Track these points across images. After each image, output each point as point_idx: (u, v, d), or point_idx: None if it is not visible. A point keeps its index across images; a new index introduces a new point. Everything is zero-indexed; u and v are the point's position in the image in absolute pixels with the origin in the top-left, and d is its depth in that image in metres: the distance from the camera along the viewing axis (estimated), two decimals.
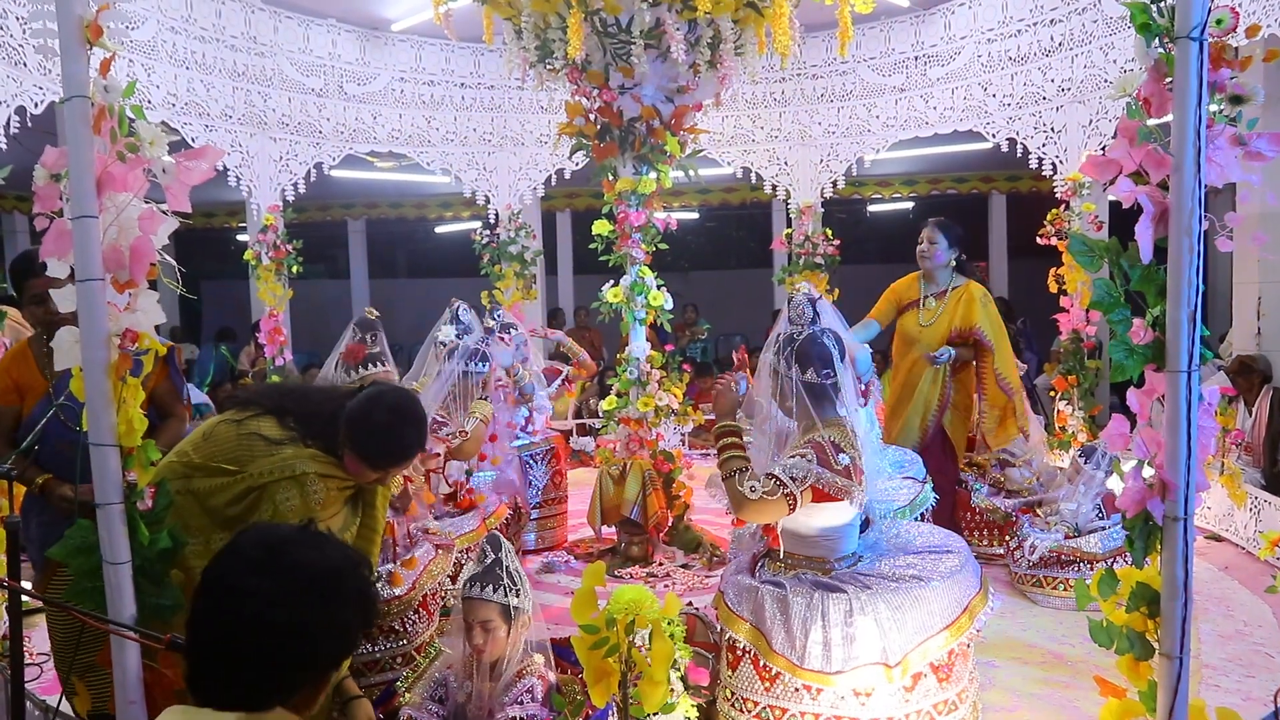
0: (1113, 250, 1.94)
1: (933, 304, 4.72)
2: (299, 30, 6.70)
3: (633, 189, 4.77)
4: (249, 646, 1.21)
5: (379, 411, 2.43)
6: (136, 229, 2.01)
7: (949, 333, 4.61)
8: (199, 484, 2.34)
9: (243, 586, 1.22)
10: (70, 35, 1.95)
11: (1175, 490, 1.86)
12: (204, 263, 14.48)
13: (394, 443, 2.45)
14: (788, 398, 2.58)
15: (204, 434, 2.44)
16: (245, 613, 1.20)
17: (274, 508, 2.28)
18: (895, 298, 4.87)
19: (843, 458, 2.46)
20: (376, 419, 2.42)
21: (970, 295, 4.64)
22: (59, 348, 2.05)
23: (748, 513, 2.50)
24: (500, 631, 2.49)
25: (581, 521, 5.28)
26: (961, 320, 4.60)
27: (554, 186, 8.32)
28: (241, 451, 2.35)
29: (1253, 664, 3.50)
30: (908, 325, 4.77)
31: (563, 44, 4.37)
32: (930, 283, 4.76)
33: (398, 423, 2.46)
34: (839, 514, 2.53)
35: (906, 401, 4.70)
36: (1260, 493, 4.99)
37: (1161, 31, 1.80)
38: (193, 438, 2.47)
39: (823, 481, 2.43)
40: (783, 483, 2.43)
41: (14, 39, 4.38)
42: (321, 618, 1.23)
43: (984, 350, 4.63)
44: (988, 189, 12.07)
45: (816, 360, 2.56)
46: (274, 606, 1.21)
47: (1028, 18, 6.28)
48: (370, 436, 2.41)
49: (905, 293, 4.85)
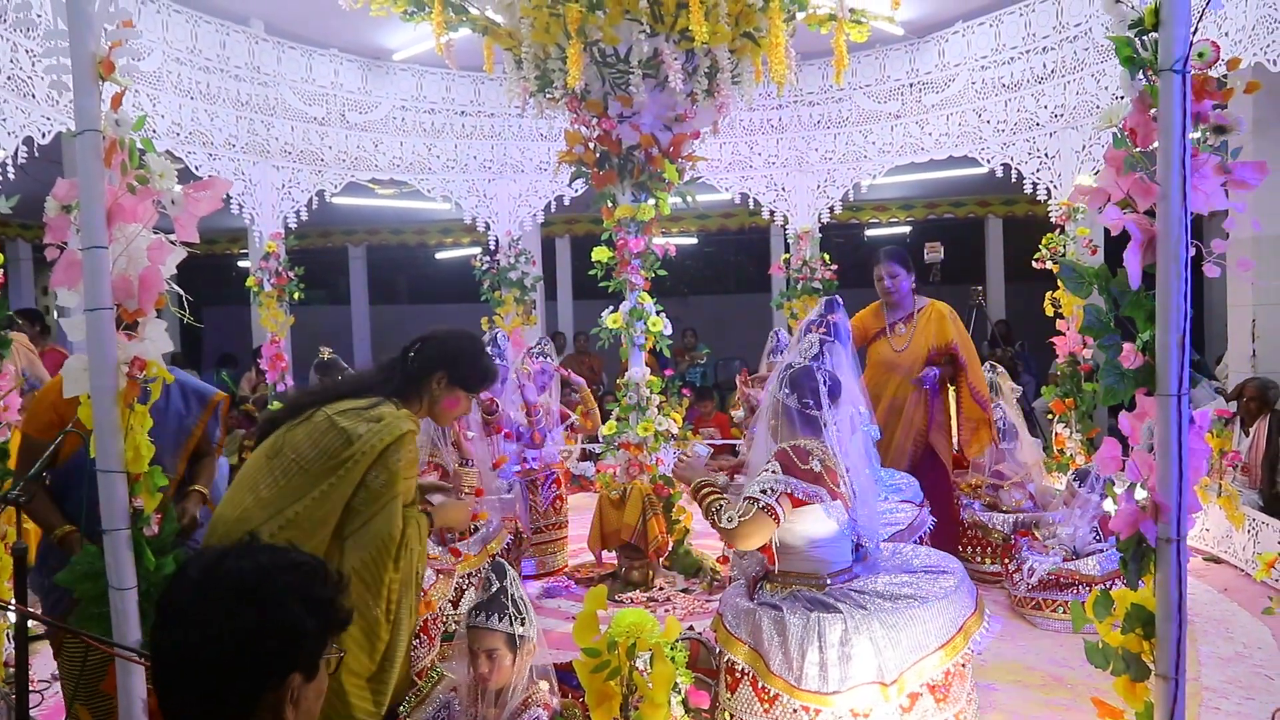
0: (1102, 276, 1.98)
1: (902, 329, 4.78)
2: (302, 60, 6.79)
3: (632, 216, 4.83)
4: (200, 665, 1.22)
5: (464, 340, 2.75)
6: (145, 259, 2.06)
7: (928, 353, 4.66)
8: (296, 509, 2.34)
9: (183, 610, 1.25)
10: (83, 71, 2.00)
11: (1168, 512, 1.88)
12: (205, 289, 14.55)
13: (489, 363, 2.78)
14: (773, 417, 2.69)
15: (271, 453, 2.44)
16: (190, 635, 1.23)
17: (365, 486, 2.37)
18: (861, 332, 4.86)
19: (813, 462, 2.52)
20: (467, 346, 2.73)
21: (939, 312, 4.72)
22: (68, 375, 2.09)
23: (737, 541, 2.56)
24: (505, 660, 2.49)
25: (582, 546, 5.29)
26: (937, 338, 4.67)
27: (554, 213, 8.39)
28: (334, 437, 2.39)
29: (1253, 686, 3.50)
30: (881, 353, 4.81)
31: (562, 74, 4.44)
32: (894, 309, 4.82)
33: (481, 347, 2.85)
34: (823, 521, 2.56)
35: (894, 426, 4.71)
36: (1258, 514, 5.00)
37: (1146, 64, 1.85)
38: (256, 470, 2.43)
39: (792, 487, 2.48)
40: (756, 499, 2.48)
41: (23, 71, 4.45)
42: (257, 621, 1.23)
43: (960, 365, 4.69)
44: (984, 213, 12.16)
45: (807, 391, 2.66)
46: (211, 623, 1.22)
47: (1020, 45, 6.36)
48: (473, 361, 2.69)
49: (870, 324, 4.89)
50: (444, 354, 2.65)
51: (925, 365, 4.64)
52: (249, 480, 2.44)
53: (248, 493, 2.40)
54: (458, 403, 2.69)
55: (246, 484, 2.43)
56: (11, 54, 4.42)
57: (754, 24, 4.45)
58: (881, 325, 4.83)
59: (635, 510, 4.73)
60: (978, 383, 4.72)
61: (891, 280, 4.72)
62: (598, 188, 4.93)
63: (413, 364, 2.64)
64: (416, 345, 2.68)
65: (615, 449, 4.99)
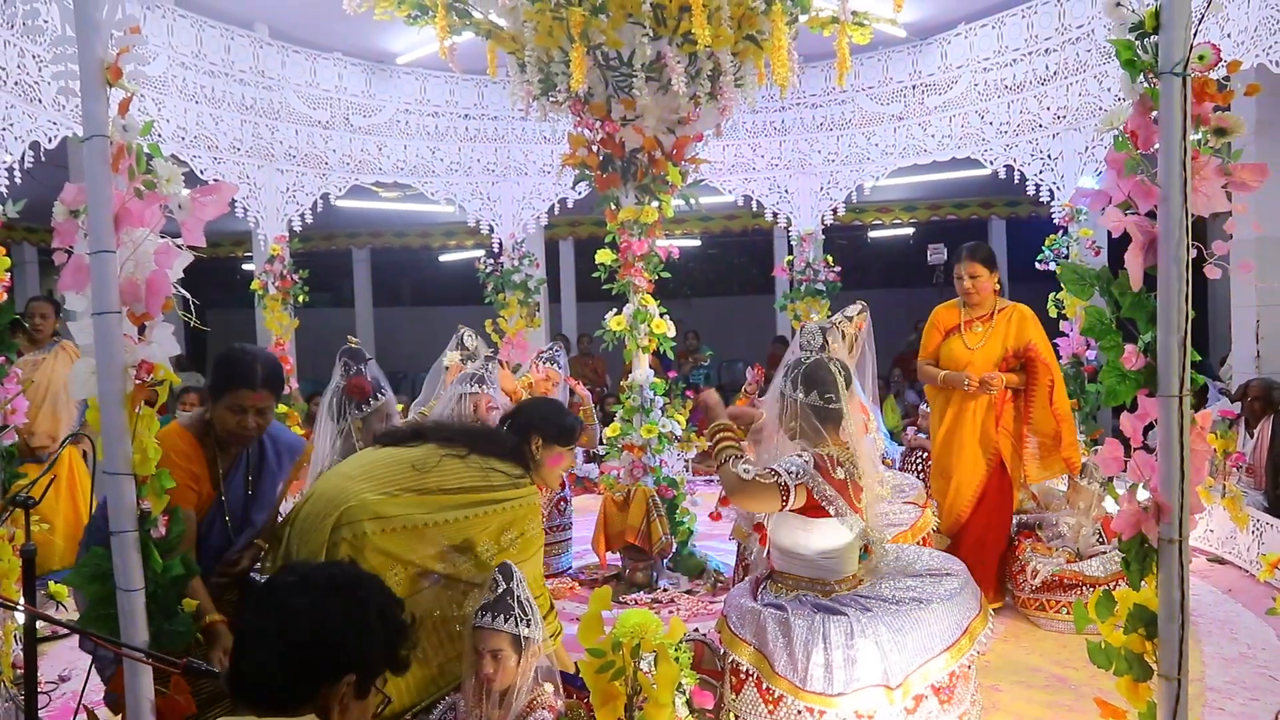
0: (1103, 278, 1.99)
1: (979, 327, 4.41)
2: (306, 64, 6.82)
3: (635, 218, 4.84)
4: (283, 641, 1.42)
5: (548, 405, 3.25)
6: (153, 263, 2.07)
7: (1003, 354, 4.29)
8: (424, 516, 2.68)
9: (283, 593, 1.48)
10: (91, 76, 2.02)
11: (1170, 513, 1.89)
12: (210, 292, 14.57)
13: (572, 418, 3.18)
14: (792, 419, 2.66)
15: (417, 463, 2.75)
16: (282, 614, 1.45)
17: (520, 531, 2.83)
18: (939, 328, 4.53)
19: (839, 471, 2.51)
20: (552, 409, 3.17)
21: (1022, 315, 4.36)
22: (75, 379, 2.10)
23: (739, 495, 2.57)
24: (510, 661, 2.49)
25: (586, 548, 5.30)
26: (1015, 339, 4.29)
27: (557, 215, 8.41)
28: (482, 481, 2.80)
29: (1257, 687, 3.50)
30: (953, 351, 4.42)
31: (565, 77, 4.45)
32: (974, 307, 4.45)
33: (560, 406, 3.35)
34: (836, 535, 2.56)
35: (958, 432, 4.36)
36: (1262, 515, 5.00)
37: (1146, 67, 1.86)
38: (400, 464, 2.76)
39: (814, 485, 2.48)
40: (778, 473, 2.48)
41: (30, 77, 4.48)
42: (341, 614, 1.44)
43: (1037, 371, 4.24)
44: (987, 214, 12.15)
45: (820, 384, 2.63)
46: (302, 607, 1.45)
47: (1023, 47, 6.38)
48: (563, 424, 3.06)
49: (946, 319, 4.54)
50: (532, 420, 3.02)
51: (995, 369, 4.26)
52: (368, 468, 2.76)
53: (363, 479, 2.70)
54: (560, 460, 3.04)
55: (363, 470, 2.76)
56: (19, 60, 4.45)
57: (756, 27, 4.46)
58: (956, 322, 4.49)
59: (639, 512, 4.74)
60: (1058, 395, 4.25)
61: (972, 281, 4.35)
62: (601, 190, 4.94)
63: (511, 437, 3.00)
64: (508, 420, 3.10)
65: (619, 451, 5.00)
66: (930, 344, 4.53)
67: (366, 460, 2.86)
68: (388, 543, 2.61)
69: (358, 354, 3.59)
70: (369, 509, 2.60)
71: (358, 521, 2.58)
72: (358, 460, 2.91)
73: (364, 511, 2.59)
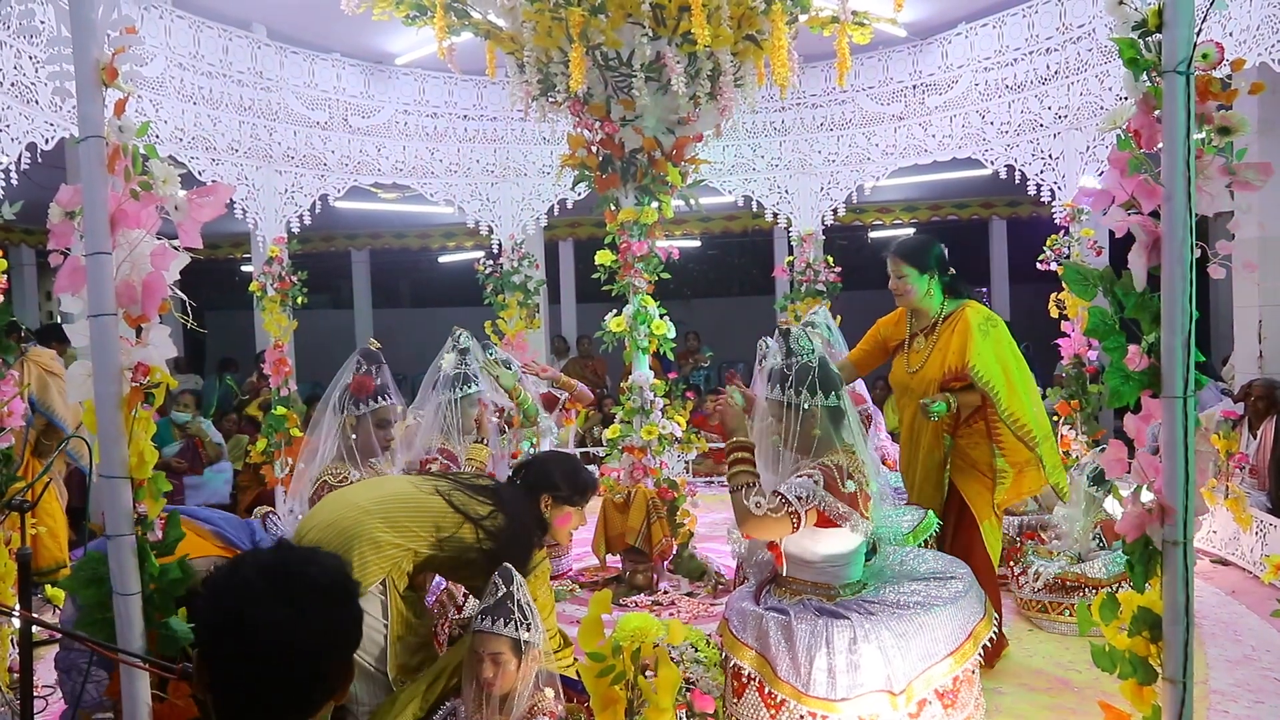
0: (1107, 279, 1.97)
1: (921, 342, 3.72)
2: (304, 65, 6.80)
3: (635, 219, 4.82)
4: (271, 674, 1.24)
5: (563, 462, 3.08)
6: (149, 265, 2.05)
7: (942, 375, 3.58)
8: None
9: (258, 618, 1.23)
10: (86, 77, 2.00)
11: (1174, 515, 1.87)
12: (208, 293, 14.57)
13: (586, 475, 3.05)
14: (810, 429, 2.57)
15: (441, 525, 2.76)
16: (263, 642, 1.23)
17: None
18: (878, 340, 3.95)
19: (849, 484, 2.49)
20: (567, 467, 3.03)
21: (965, 324, 3.57)
22: (71, 381, 2.08)
23: (751, 528, 2.54)
24: (510, 665, 2.48)
25: (586, 550, 5.28)
26: (954, 356, 3.55)
27: (556, 216, 8.39)
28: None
29: (1261, 689, 3.48)
30: (896, 374, 3.82)
31: (565, 77, 4.44)
32: (917, 317, 3.79)
33: (576, 463, 3.12)
34: (843, 541, 2.55)
35: (914, 465, 3.78)
36: (1266, 516, 4.99)
37: (1149, 66, 1.84)
38: (422, 515, 2.76)
39: (825, 505, 2.45)
40: (788, 501, 2.46)
41: (27, 78, 4.47)
42: (325, 629, 1.27)
43: (986, 398, 3.51)
44: (988, 214, 12.14)
45: (835, 386, 2.62)
46: (288, 631, 1.23)
47: (1024, 46, 6.36)
48: (576, 484, 2.97)
49: (891, 333, 3.91)
50: (542, 479, 2.96)
51: (936, 391, 3.58)
52: (387, 504, 2.76)
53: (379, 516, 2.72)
54: (568, 519, 2.97)
55: (380, 506, 2.75)
56: (15, 60, 4.43)
57: (756, 27, 4.45)
58: (902, 337, 3.84)
59: (639, 514, 4.73)
60: (1018, 411, 3.46)
61: (898, 280, 3.72)
62: (600, 191, 4.93)
63: (522, 491, 2.96)
64: (521, 472, 3.04)
65: (619, 453, 4.98)
66: (858, 352, 4.01)
67: (387, 494, 2.84)
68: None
69: (373, 355, 3.57)
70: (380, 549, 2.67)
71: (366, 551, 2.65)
72: (377, 492, 2.87)
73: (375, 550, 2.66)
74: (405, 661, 2.76)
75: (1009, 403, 3.45)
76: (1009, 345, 3.57)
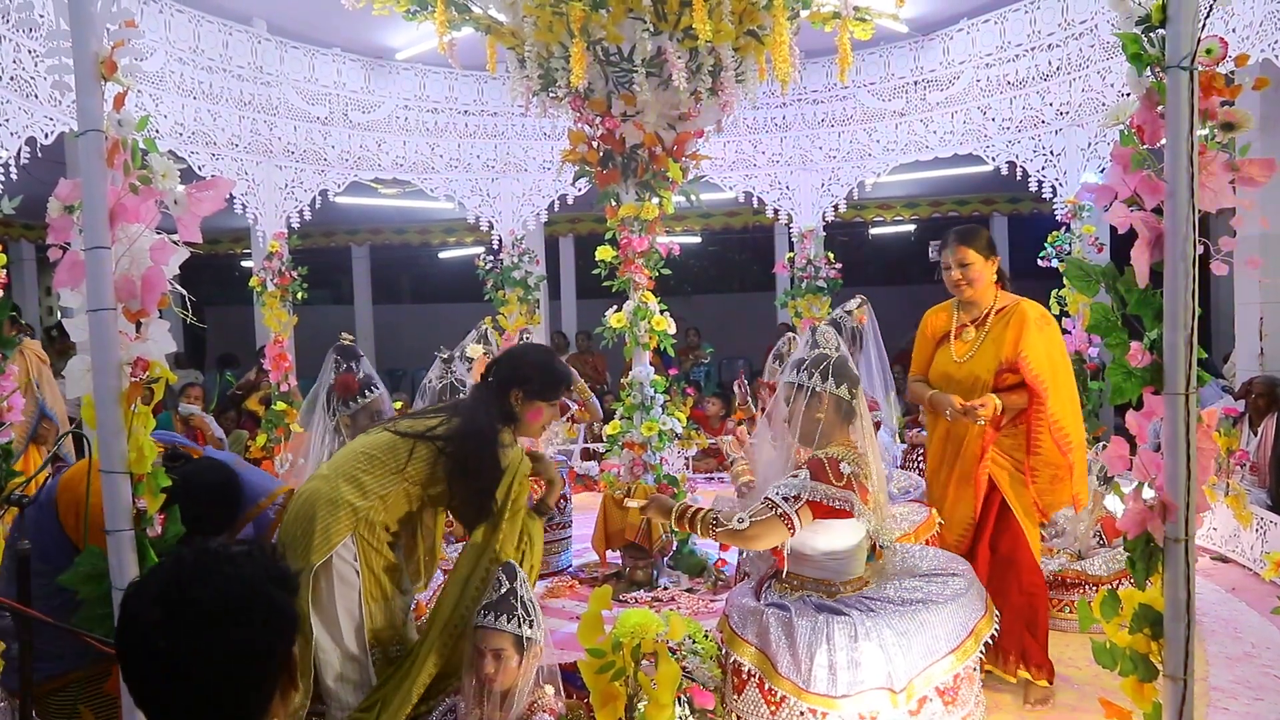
0: (1109, 275, 1.96)
1: (971, 333, 3.54)
2: (304, 60, 6.79)
3: (635, 215, 4.81)
4: (182, 701, 1.19)
5: (535, 353, 2.92)
6: (148, 259, 2.05)
7: (996, 366, 3.41)
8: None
9: (153, 649, 1.19)
10: (86, 71, 2.00)
11: (1176, 512, 1.87)
12: (208, 288, 14.57)
13: (559, 368, 2.91)
14: (817, 412, 2.58)
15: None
16: (161, 675, 1.19)
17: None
18: (928, 336, 3.72)
19: (844, 467, 2.48)
20: (538, 358, 2.87)
21: (1021, 316, 3.43)
22: (70, 376, 2.08)
23: (745, 542, 2.54)
24: (512, 661, 2.48)
25: (586, 546, 5.28)
26: (1009, 348, 3.39)
27: (557, 212, 8.39)
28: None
29: (1261, 686, 3.48)
30: (942, 363, 3.61)
31: (565, 72, 4.43)
32: (966, 308, 3.61)
33: (549, 355, 2.96)
34: (844, 536, 2.54)
35: (952, 464, 3.54)
36: (1266, 513, 4.98)
37: (1153, 61, 1.83)
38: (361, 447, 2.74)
39: (818, 494, 2.45)
40: (774, 504, 2.45)
41: (26, 72, 4.46)
42: (224, 654, 1.19)
43: (1035, 392, 3.36)
44: (989, 211, 12.13)
45: (851, 379, 2.63)
46: (183, 663, 1.18)
47: (1025, 43, 6.35)
48: (542, 371, 2.82)
49: (936, 324, 3.70)
50: (514, 372, 2.83)
51: (987, 384, 3.41)
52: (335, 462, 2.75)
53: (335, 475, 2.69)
54: (540, 414, 2.84)
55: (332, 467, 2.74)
56: (14, 54, 4.43)
57: (758, 22, 4.43)
58: (948, 328, 3.64)
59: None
60: (1062, 416, 3.34)
61: (961, 269, 3.48)
62: (601, 187, 4.92)
63: (493, 388, 2.83)
64: (492, 368, 2.88)
65: (619, 448, 4.98)
66: (921, 357, 3.73)
67: (340, 454, 2.85)
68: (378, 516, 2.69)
69: (348, 351, 3.57)
70: (345, 502, 2.63)
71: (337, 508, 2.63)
72: (334, 458, 2.88)
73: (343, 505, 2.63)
74: (379, 629, 2.71)
75: (1054, 404, 3.34)
76: (1059, 346, 3.48)
